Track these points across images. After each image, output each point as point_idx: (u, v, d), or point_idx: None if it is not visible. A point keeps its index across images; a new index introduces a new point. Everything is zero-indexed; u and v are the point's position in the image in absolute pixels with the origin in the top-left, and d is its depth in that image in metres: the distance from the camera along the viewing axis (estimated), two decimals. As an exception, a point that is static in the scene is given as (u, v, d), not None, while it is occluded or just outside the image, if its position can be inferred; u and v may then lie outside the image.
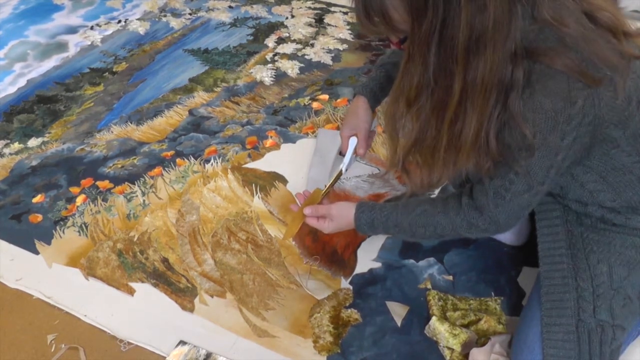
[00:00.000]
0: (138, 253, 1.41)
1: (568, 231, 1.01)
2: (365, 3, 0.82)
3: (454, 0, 0.74)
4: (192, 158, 1.68)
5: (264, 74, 2.02)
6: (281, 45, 2.18)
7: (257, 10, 2.44)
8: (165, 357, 1.18)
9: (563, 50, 0.79)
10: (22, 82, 2.12)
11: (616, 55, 0.81)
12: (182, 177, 1.61)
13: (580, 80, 0.79)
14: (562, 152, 0.84)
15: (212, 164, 1.64)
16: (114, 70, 2.16)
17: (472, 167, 0.88)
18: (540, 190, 0.90)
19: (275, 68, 2.05)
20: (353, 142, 1.20)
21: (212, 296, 1.29)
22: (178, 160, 1.67)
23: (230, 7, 2.49)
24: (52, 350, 1.22)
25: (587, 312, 0.94)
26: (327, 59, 2.07)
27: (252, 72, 2.04)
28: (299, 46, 2.16)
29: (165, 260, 1.38)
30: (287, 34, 2.25)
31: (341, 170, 1.20)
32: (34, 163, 1.74)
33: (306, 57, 2.10)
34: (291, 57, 2.11)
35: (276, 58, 2.11)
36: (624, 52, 0.82)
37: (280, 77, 2.01)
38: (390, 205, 1.07)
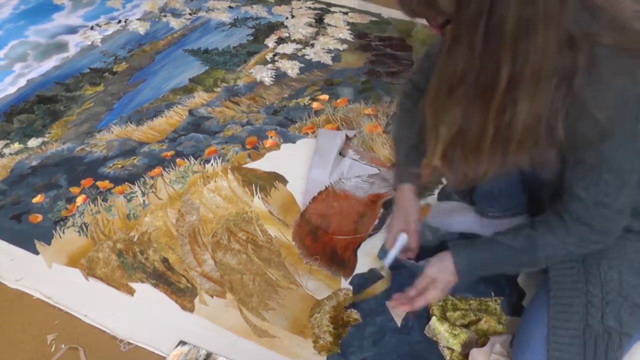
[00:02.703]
0: (138, 253, 1.41)
1: None
2: None
3: None
4: (192, 158, 1.68)
5: (264, 74, 2.02)
6: (281, 45, 2.18)
7: (257, 10, 2.44)
8: (165, 357, 1.18)
9: (620, 30, 0.77)
10: (22, 82, 2.12)
11: None
12: (182, 177, 1.61)
13: (637, 58, 0.76)
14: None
15: (212, 164, 1.64)
16: (114, 70, 2.16)
17: (524, 161, 0.84)
18: (632, 180, 0.86)
19: (275, 68, 2.05)
20: (402, 238, 1.13)
21: (212, 296, 1.29)
22: (178, 160, 1.67)
23: (230, 7, 2.49)
24: (52, 350, 1.22)
25: (595, 317, 0.94)
26: (327, 59, 2.07)
27: (252, 72, 2.04)
28: (299, 46, 2.16)
29: (165, 261, 1.38)
30: (287, 34, 2.25)
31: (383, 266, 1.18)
32: (34, 163, 1.74)
33: (306, 57, 2.10)
34: (291, 57, 2.11)
35: (276, 58, 2.11)
36: None
37: (280, 77, 2.01)
38: (487, 239, 1.02)
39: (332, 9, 2.39)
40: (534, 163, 0.84)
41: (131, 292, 1.32)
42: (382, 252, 1.20)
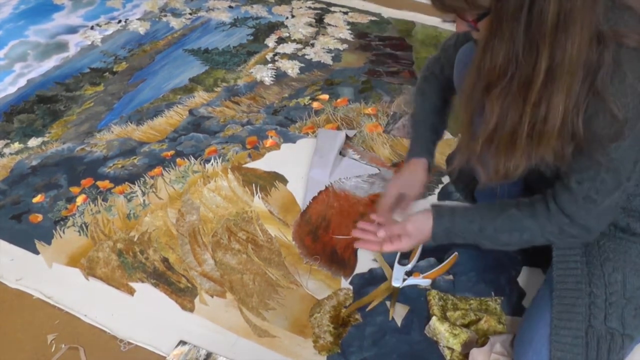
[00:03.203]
0: (138, 253, 1.41)
1: None
2: None
3: None
4: (192, 158, 1.68)
5: (264, 74, 2.02)
6: (281, 45, 2.18)
7: (257, 10, 2.44)
8: (165, 357, 1.18)
9: None
10: (22, 82, 2.12)
11: None
12: (182, 177, 1.61)
13: None
14: None
15: (212, 164, 1.64)
16: (114, 70, 2.16)
17: (550, 156, 0.83)
18: (627, 187, 0.87)
19: (275, 68, 2.05)
20: (400, 270, 1.23)
21: (212, 296, 1.29)
22: (178, 160, 1.67)
23: (230, 7, 2.49)
24: (52, 350, 1.22)
25: (598, 318, 0.94)
26: (327, 59, 2.07)
27: (252, 72, 2.04)
28: (299, 46, 2.16)
29: (165, 260, 1.38)
30: (287, 34, 2.25)
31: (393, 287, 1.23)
32: (34, 163, 1.74)
33: (306, 57, 2.10)
34: (291, 57, 2.11)
35: (276, 58, 2.10)
36: None
37: (280, 77, 2.01)
38: (470, 208, 1.04)
39: (332, 8, 2.39)
40: (555, 158, 0.84)
41: (131, 292, 1.32)
42: (397, 275, 1.24)
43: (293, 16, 2.37)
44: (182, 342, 1.19)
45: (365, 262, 1.31)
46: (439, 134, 1.18)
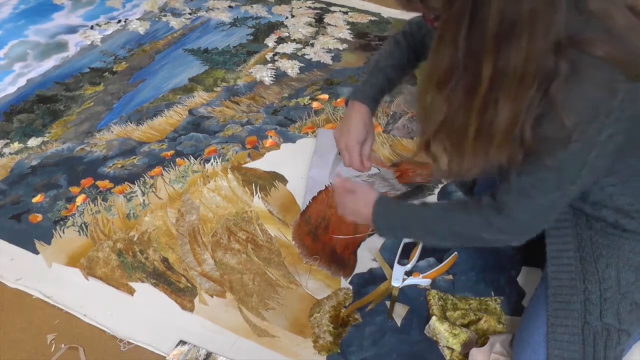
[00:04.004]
0: (138, 253, 1.41)
1: (577, 234, 1.00)
2: None
3: None
4: (192, 158, 1.68)
5: (264, 74, 2.02)
6: (281, 45, 2.18)
7: (257, 10, 2.44)
8: (165, 357, 1.18)
9: (609, 41, 0.77)
10: (22, 82, 2.12)
11: None
12: (182, 177, 1.61)
13: (623, 73, 0.76)
14: (597, 148, 0.81)
15: (212, 164, 1.64)
16: (114, 70, 2.16)
17: (504, 160, 0.84)
18: (569, 191, 0.87)
19: (275, 68, 2.05)
20: (400, 270, 1.24)
21: (212, 296, 1.29)
22: (178, 160, 1.67)
23: (230, 7, 2.49)
24: (52, 350, 1.22)
25: (593, 315, 0.94)
26: (327, 59, 2.07)
27: (252, 72, 2.04)
28: (299, 46, 2.16)
29: (165, 260, 1.38)
30: (287, 34, 2.25)
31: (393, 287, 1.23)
32: (34, 163, 1.74)
33: (306, 57, 2.10)
34: (291, 57, 2.11)
35: (276, 58, 2.11)
36: None
37: (280, 77, 2.01)
38: (413, 203, 1.07)
39: (332, 8, 2.39)
40: (509, 161, 0.85)
41: (131, 292, 1.32)
42: (396, 275, 1.24)
43: (293, 16, 2.37)
44: (182, 342, 1.19)
45: (365, 262, 1.31)
46: (390, 88, 1.21)
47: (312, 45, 2.16)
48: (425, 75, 0.84)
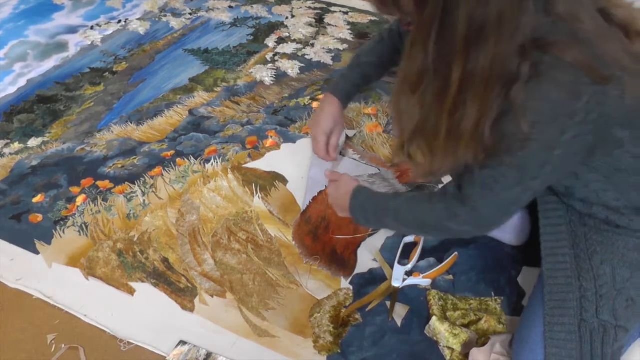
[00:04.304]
0: (138, 253, 1.41)
1: (572, 231, 1.01)
2: None
3: None
4: (192, 158, 1.68)
5: (264, 74, 2.02)
6: (281, 45, 2.18)
7: (257, 10, 2.44)
8: (165, 357, 1.18)
9: (575, 45, 0.77)
10: (22, 82, 2.12)
11: (628, 56, 0.79)
12: (182, 177, 1.61)
13: (588, 76, 0.77)
14: (560, 147, 0.82)
15: (212, 164, 1.64)
16: (114, 70, 2.16)
17: (470, 158, 0.86)
18: (531, 186, 0.88)
19: (275, 68, 2.05)
20: (400, 270, 1.25)
21: (212, 296, 1.29)
22: (178, 160, 1.67)
23: (230, 7, 2.49)
24: (52, 350, 1.22)
25: (589, 312, 0.94)
26: (327, 59, 2.07)
27: (252, 72, 2.04)
28: (299, 46, 2.16)
29: (165, 260, 1.38)
30: (287, 34, 2.25)
31: (393, 286, 1.24)
32: (34, 163, 1.74)
33: (306, 57, 2.10)
34: (291, 57, 2.11)
35: (276, 58, 2.10)
36: (635, 53, 0.80)
37: (280, 77, 2.01)
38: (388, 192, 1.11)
39: (332, 8, 2.39)
40: (474, 160, 0.87)
41: (131, 292, 1.32)
42: (397, 275, 1.25)
43: (293, 16, 2.37)
44: (182, 342, 1.19)
45: (365, 262, 1.31)
46: (367, 83, 1.28)
47: (312, 45, 2.16)
48: (399, 79, 0.86)
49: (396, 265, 1.26)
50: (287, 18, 2.36)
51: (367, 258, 1.32)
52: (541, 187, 0.91)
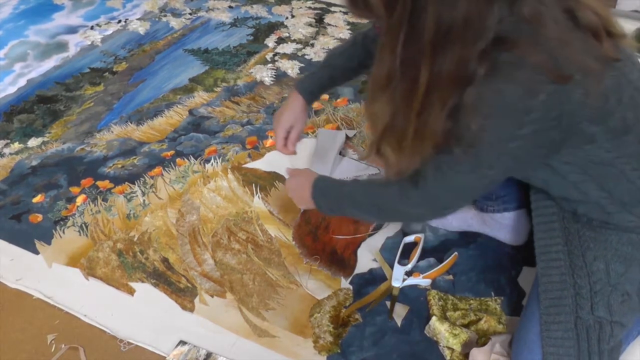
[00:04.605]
0: (138, 253, 1.41)
1: (564, 228, 1.00)
2: None
3: None
4: (192, 158, 1.68)
5: (264, 74, 2.02)
6: (281, 45, 2.18)
7: (257, 10, 2.44)
8: (165, 357, 1.18)
9: (534, 45, 0.78)
10: (22, 82, 2.13)
11: (590, 59, 0.79)
12: (182, 177, 1.61)
13: (546, 75, 0.77)
14: (517, 140, 0.82)
15: (212, 164, 1.64)
16: (114, 70, 2.16)
17: (434, 153, 0.88)
18: (488, 174, 0.89)
19: (275, 68, 2.05)
20: (400, 270, 1.25)
21: (212, 296, 1.29)
22: (178, 160, 1.67)
23: (230, 7, 2.49)
24: (52, 350, 1.22)
25: (584, 309, 0.94)
26: (327, 59, 2.07)
27: (252, 72, 2.04)
28: (299, 46, 2.16)
29: (165, 260, 1.38)
30: (287, 34, 2.25)
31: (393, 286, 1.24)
32: (34, 163, 1.74)
33: (306, 57, 2.10)
34: (291, 57, 2.11)
35: (276, 58, 2.10)
36: (602, 53, 0.80)
37: (280, 77, 2.01)
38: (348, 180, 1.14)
39: (332, 8, 2.39)
40: (437, 151, 0.89)
41: (131, 292, 1.32)
42: (397, 275, 1.25)
43: (293, 16, 2.37)
44: (182, 342, 1.19)
45: (365, 262, 1.31)
46: (332, 85, 1.31)
47: (312, 45, 2.16)
48: (370, 81, 0.89)
49: (396, 265, 1.26)
50: (287, 18, 2.36)
51: (367, 258, 1.32)
52: (501, 175, 0.92)
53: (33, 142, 1.83)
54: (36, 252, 1.44)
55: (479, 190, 0.95)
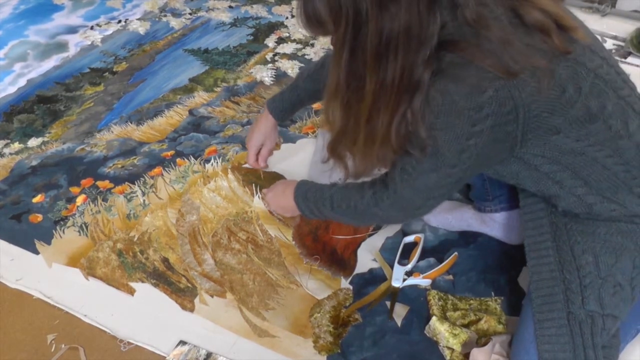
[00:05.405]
0: (138, 253, 1.41)
1: (552, 223, 1.00)
2: (304, 4, 0.85)
3: (362, 10, 0.77)
4: (192, 158, 1.68)
5: (264, 74, 2.02)
6: (281, 45, 2.18)
7: (257, 10, 2.44)
8: (165, 357, 1.18)
9: (478, 47, 0.80)
10: (22, 82, 2.13)
11: (535, 55, 0.80)
12: (182, 177, 1.61)
13: (492, 72, 0.78)
14: (474, 137, 0.83)
15: (212, 164, 1.64)
16: (114, 70, 2.16)
17: (390, 155, 0.92)
18: (452, 173, 0.90)
19: (275, 68, 2.05)
20: (400, 270, 1.26)
21: (212, 296, 1.29)
22: (178, 160, 1.67)
23: (230, 7, 2.49)
24: (52, 350, 1.22)
25: (575, 303, 0.94)
26: (327, 59, 2.07)
27: (252, 72, 2.04)
28: (299, 46, 2.16)
29: (165, 260, 1.38)
30: (287, 34, 2.25)
31: (393, 286, 1.24)
32: (34, 163, 1.74)
33: (306, 57, 2.10)
34: (291, 57, 2.11)
35: (276, 58, 2.11)
36: (551, 47, 0.81)
37: (280, 77, 2.01)
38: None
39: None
40: (396, 154, 0.93)
41: (131, 292, 1.32)
42: (397, 275, 1.25)
43: (293, 16, 2.37)
44: (182, 342, 1.19)
45: (365, 262, 1.31)
46: (302, 105, 1.37)
47: (312, 45, 2.16)
48: (325, 91, 0.92)
49: (396, 265, 1.26)
50: (287, 18, 2.36)
51: (367, 258, 1.32)
52: (468, 172, 0.92)
53: (33, 142, 1.83)
54: (36, 252, 1.44)
55: (448, 189, 0.96)
